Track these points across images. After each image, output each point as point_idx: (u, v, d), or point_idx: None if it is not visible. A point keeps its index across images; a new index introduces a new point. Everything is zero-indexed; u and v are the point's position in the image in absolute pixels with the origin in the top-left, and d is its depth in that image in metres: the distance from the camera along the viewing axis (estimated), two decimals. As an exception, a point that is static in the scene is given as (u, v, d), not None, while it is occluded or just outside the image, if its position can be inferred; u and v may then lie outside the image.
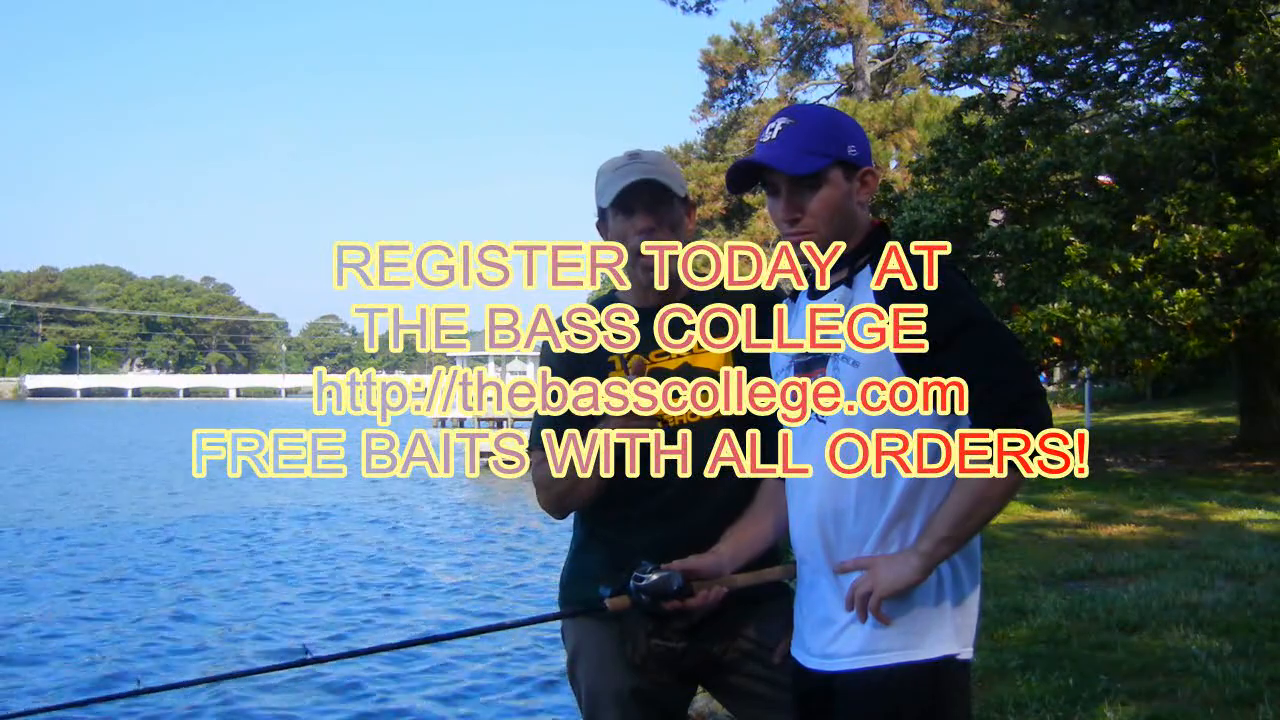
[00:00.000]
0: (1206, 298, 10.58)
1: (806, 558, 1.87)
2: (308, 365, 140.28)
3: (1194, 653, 4.42)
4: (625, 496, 2.12)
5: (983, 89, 15.07)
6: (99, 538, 15.38)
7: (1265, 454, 12.17)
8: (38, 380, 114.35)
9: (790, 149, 1.79)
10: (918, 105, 27.57)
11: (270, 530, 16.12)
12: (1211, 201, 11.04)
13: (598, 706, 2.16)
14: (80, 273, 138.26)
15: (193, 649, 8.91)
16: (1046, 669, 4.30)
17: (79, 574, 12.43)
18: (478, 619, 9.84)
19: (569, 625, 2.23)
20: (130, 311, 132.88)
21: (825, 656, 1.81)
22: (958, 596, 1.77)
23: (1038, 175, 12.11)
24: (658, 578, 1.91)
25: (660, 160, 2.15)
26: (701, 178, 28.49)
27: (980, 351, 1.71)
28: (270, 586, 11.66)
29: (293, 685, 7.50)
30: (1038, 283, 11.39)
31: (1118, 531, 7.85)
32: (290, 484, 20.83)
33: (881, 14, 30.56)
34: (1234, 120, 11.06)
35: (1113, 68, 14.04)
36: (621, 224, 2.12)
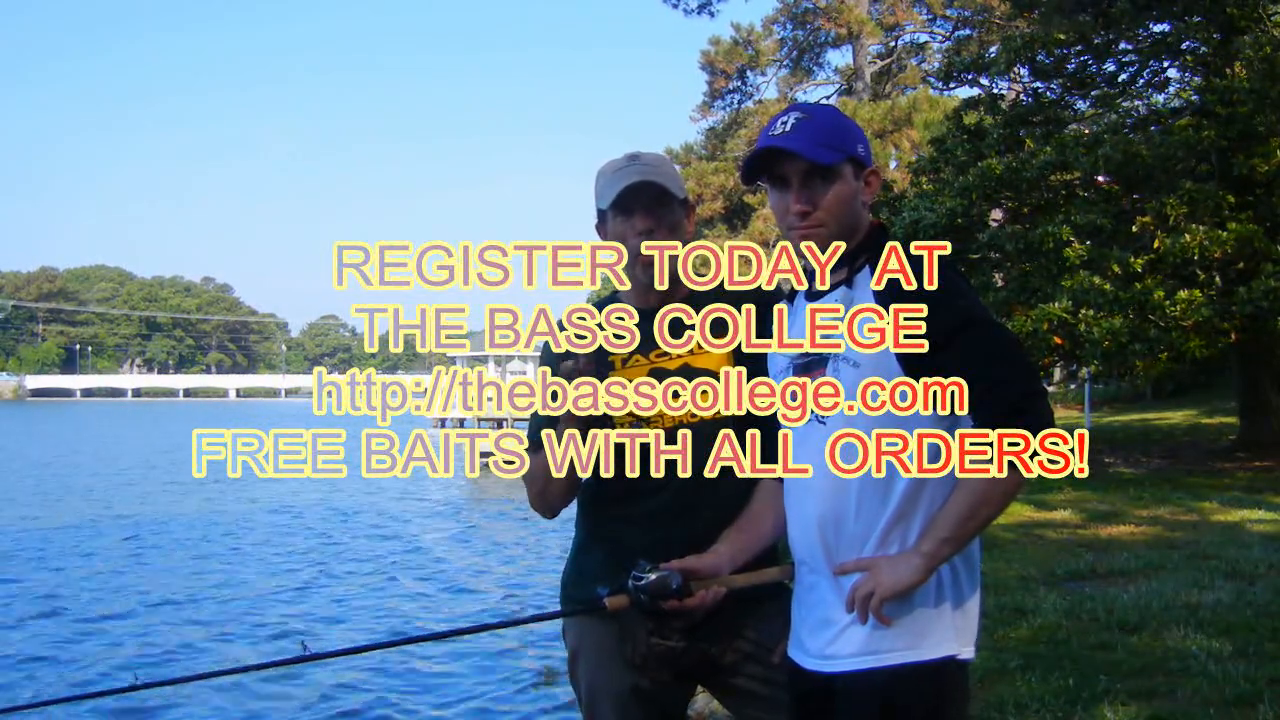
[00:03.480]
0: (1207, 298, 10.58)
1: (806, 559, 1.86)
2: (308, 365, 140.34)
3: (1194, 653, 4.42)
4: (625, 496, 2.12)
5: (982, 89, 15.06)
6: (98, 538, 15.38)
7: (1265, 454, 12.17)
8: (38, 380, 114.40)
9: (809, 140, 1.79)
10: (917, 105, 27.53)
11: (271, 531, 16.12)
12: (1211, 201, 11.04)
13: (597, 705, 2.16)
14: (80, 273, 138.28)
15: (192, 646, 8.91)
16: (1046, 669, 4.30)
17: (89, 570, 12.44)
18: (478, 618, 9.83)
19: (569, 624, 2.23)
20: (130, 312, 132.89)
21: (825, 657, 1.81)
22: (958, 597, 1.77)
23: (1037, 175, 12.10)
24: (656, 577, 1.90)
25: (660, 162, 2.15)
26: (701, 177, 28.46)
27: (981, 352, 1.71)
28: (270, 582, 11.66)
29: (291, 682, 7.50)
30: (1038, 283, 11.39)
31: (1118, 532, 7.85)
32: (291, 483, 20.84)
33: (881, 14, 30.52)
34: (1233, 120, 11.06)
35: (1112, 67, 14.03)
36: (621, 225, 2.12)
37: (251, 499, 19.60)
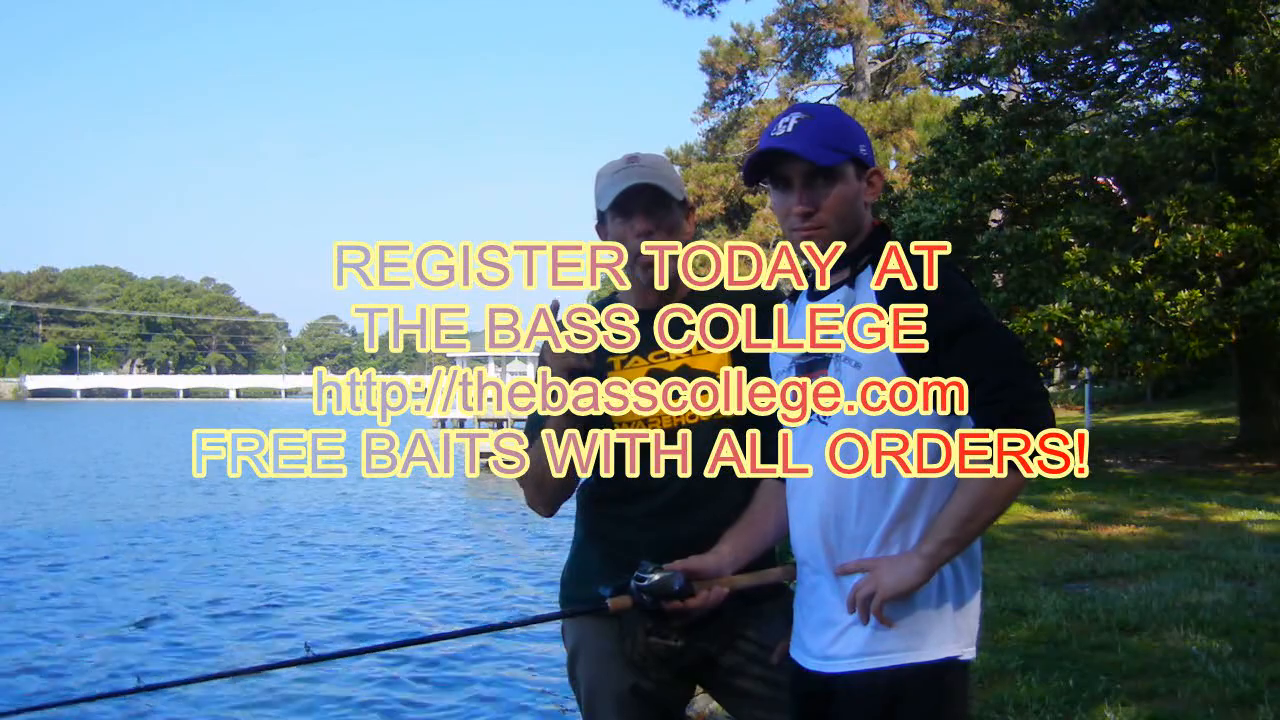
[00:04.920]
0: (1207, 298, 10.58)
1: (807, 559, 1.86)
2: (308, 366, 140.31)
3: (1194, 653, 4.42)
4: (626, 496, 2.12)
5: (982, 89, 15.06)
6: (98, 538, 15.39)
7: (1265, 454, 12.17)
8: (38, 381, 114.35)
9: (810, 141, 1.78)
10: (917, 106, 27.54)
11: (271, 530, 16.12)
12: (1211, 202, 11.04)
13: (597, 704, 2.16)
14: (80, 273, 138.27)
15: (194, 647, 8.91)
16: (1047, 670, 4.30)
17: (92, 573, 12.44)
18: (479, 618, 9.83)
19: (569, 624, 2.23)
20: (130, 312, 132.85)
21: (826, 658, 1.81)
22: (959, 598, 1.77)
23: (1037, 176, 12.10)
24: (659, 578, 1.90)
25: (658, 164, 2.15)
26: (702, 178, 28.46)
27: (982, 353, 1.70)
28: (271, 583, 11.66)
29: (294, 683, 7.50)
30: (1038, 284, 11.38)
31: (1118, 532, 7.85)
32: (290, 484, 20.83)
33: (882, 15, 30.53)
34: (1233, 121, 11.05)
35: (1112, 68, 14.04)
36: (620, 227, 2.12)
37: (268, 500, 19.61)
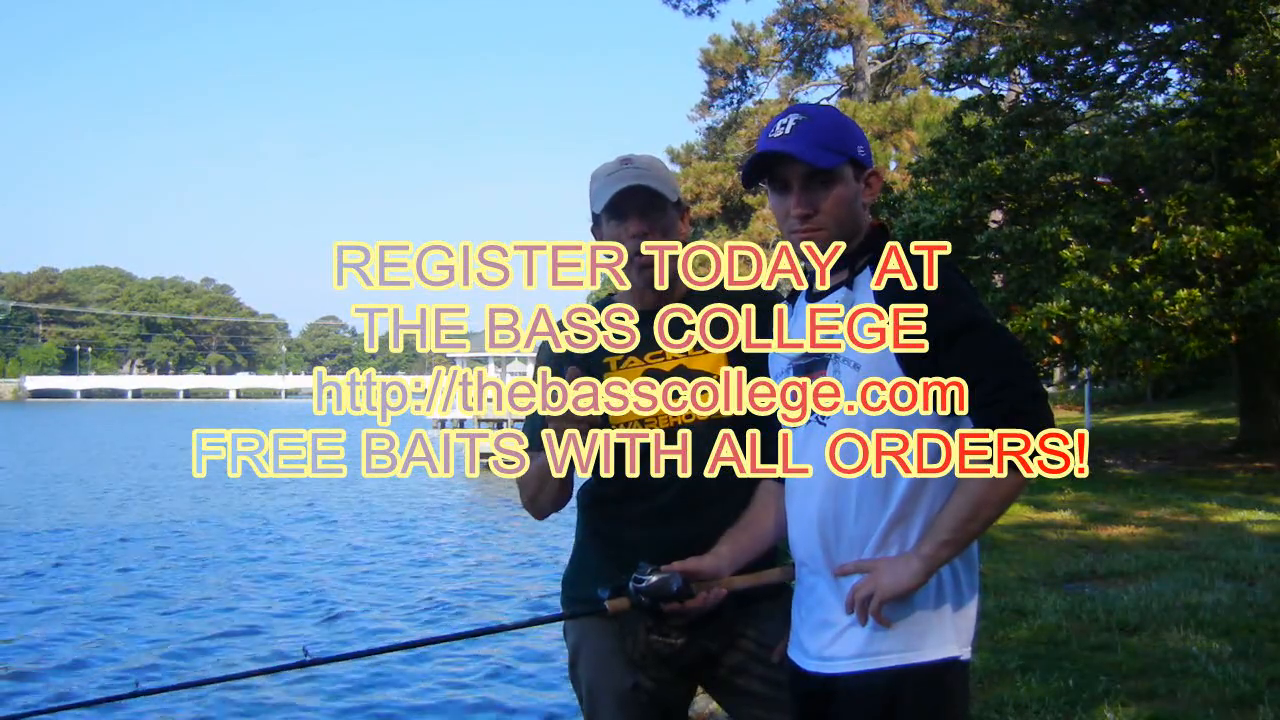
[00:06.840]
0: (1206, 298, 10.58)
1: (806, 560, 1.86)
2: (308, 366, 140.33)
3: (1194, 654, 4.42)
4: (626, 496, 2.12)
5: (982, 90, 15.05)
6: (97, 539, 15.38)
7: (1265, 454, 12.17)
8: (38, 381, 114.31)
9: (808, 143, 1.78)
10: (917, 106, 27.52)
11: (271, 531, 16.11)
12: (1210, 202, 11.04)
13: (598, 704, 2.16)
14: (80, 274, 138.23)
15: (191, 652, 8.91)
16: (1046, 670, 4.30)
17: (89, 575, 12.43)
18: (479, 618, 9.83)
19: (570, 624, 2.23)
20: (130, 313, 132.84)
21: (824, 659, 1.81)
22: (957, 598, 1.77)
23: (1037, 176, 12.10)
24: (657, 579, 1.90)
25: (652, 165, 2.15)
26: (700, 177, 28.45)
27: (981, 353, 1.70)
28: (269, 588, 11.65)
29: (291, 687, 7.50)
30: (1037, 284, 11.38)
31: (1118, 532, 7.85)
32: (292, 483, 20.82)
33: (882, 15, 30.52)
34: (1233, 121, 11.05)
35: (1112, 69, 14.03)
36: (614, 229, 2.12)
37: (277, 501, 19.60)
